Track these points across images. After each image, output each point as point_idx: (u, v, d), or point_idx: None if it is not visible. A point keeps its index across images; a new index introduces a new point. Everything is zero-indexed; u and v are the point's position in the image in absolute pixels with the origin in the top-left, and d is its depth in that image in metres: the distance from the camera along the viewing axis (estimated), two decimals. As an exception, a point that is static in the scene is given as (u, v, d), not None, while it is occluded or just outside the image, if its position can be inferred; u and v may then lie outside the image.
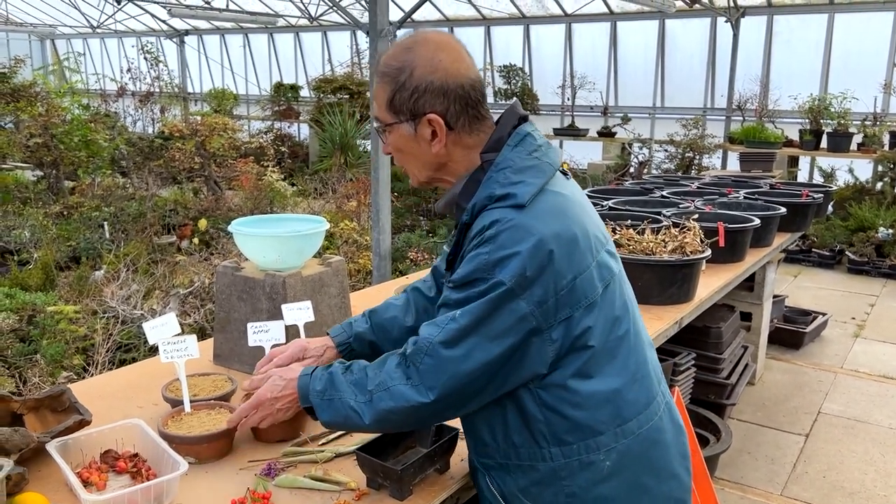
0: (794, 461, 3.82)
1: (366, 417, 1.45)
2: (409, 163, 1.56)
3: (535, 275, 1.36)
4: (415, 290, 1.88)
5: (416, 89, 1.44)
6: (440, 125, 1.46)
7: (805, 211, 4.46)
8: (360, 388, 1.47)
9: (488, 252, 1.38)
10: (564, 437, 1.45)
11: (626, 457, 1.48)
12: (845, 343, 5.53)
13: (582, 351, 1.43)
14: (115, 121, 11.17)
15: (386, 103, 1.49)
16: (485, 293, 1.37)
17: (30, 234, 6.21)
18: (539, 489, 1.49)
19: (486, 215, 1.42)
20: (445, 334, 1.39)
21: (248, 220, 2.32)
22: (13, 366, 3.84)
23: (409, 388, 1.41)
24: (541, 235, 1.37)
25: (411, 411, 1.42)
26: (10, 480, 1.46)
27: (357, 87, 11.84)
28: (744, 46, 9.84)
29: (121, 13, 14.75)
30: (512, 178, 1.44)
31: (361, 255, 5.84)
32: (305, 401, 1.53)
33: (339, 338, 1.83)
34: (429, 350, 1.40)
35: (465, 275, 1.41)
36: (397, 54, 1.48)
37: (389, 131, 1.52)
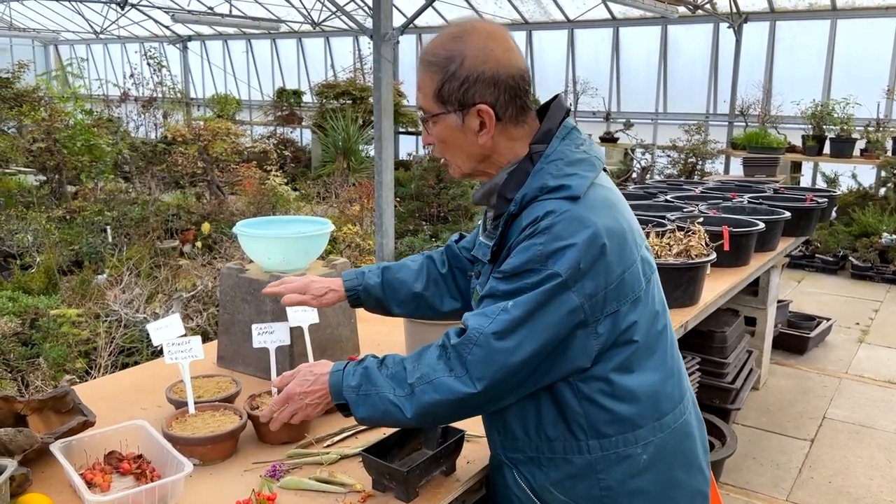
0: (800, 466, 3.79)
1: (407, 411, 1.41)
2: (454, 154, 1.52)
3: (587, 267, 1.35)
4: (429, 258, 1.88)
5: (467, 79, 1.41)
6: (490, 116, 1.44)
7: (809, 215, 4.45)
8: (399, 381, 1.43)
9: (543, 243, 1.36)
10: (604, 430, 1.45)
11: (662, 450, 1.49)
12: (849, 348, 5.51)
13: (626, 345, 1.43)
14: (118, 126, 11.20)
15: (433, 93, 1.45)
16: (538, 284, 1.35)
17: (32, 238, 6.21)
18: (573, 482, 1.48)
19: (538, 206, 1.40)
20: (498, 325, 1.36)
21: (254, 221, 2.31)
22: (15, 369, 3.82)
23: (453, 379, 1.38)
24: (595, 228, 1.36)
25: (457, 403, 1.39)
26: (13, 481, 1.45)
27: (360, 92, 11.86)
28: (746, 52, 9.85)
29: (124, 19, 14.81)
30: (565, 171, 1.43)
31: (364, 259, 5.83)
32: (338, 397, 1.49)
33: (350, 283, 1.84)
34: (479, 340, 1.37)
35: (517, 265, 1.38)
36: (445, 43, 1.44)
37: (435, 122, 1.48)
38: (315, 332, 2.22)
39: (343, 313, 2.32)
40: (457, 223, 7.44)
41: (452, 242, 1.90)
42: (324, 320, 2.25)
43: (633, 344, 1.44)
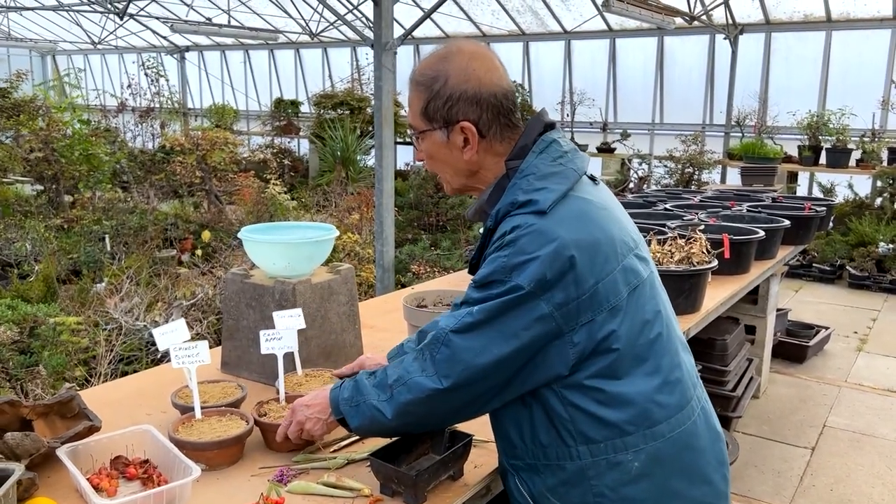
0: (801, 474, 3.79)
1: (388, 413, 1.48)
2: (443, 169, 1.60)
3: (555, 279, 1.38)
4: None
5: (450, 98, 1.48)
6: (472, 133, 1.50)
7: (808, 224, 4.47)
8: (382, 387, 1.50)
9: (507, 256, 1.41)
10: (591, 436, 1.45)
11: (655, 459, 1.47)
12: (848, 357, 5.52)
13: (606, 354, 1.43)
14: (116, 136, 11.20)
15: (420, 111, 1.53)
16: (502, 295, 1.40)
17: (31, 247, 6.19)
18: (567, 489, 1.49)
19: (508, 221, 1.45)
20: (460, 325, 1.43)
21: (258, 227, 2.31)
22: (14, 377, 3.81)
23: (424, 377, 1.45)
24: (561, 241, 1.38)
25: (428, 401, 1.45)
26: (20, 485, 1.44)
27: (357, 102, 11.89)
28: (742, 63, 9.92)
29: (122, 29, 14.85)
30: (535, 185, 1.46)
31: (364, 267, 5.83)
32: (337, 412, 1.56)
33: (391, 353, 1.90)
34: (444, 339, 1.44)
35: (484, 275, 1.44)
36: (432, 64, 1.52)
37: (423, 138, 1.56)
38: (319, 337, 2.22)
39: (347, 319, 2.32)
40: (455, 232, 7.44)
41: None
42: (328, 326, 2.25)
43: (613, 352, 1.43)
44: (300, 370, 2.02)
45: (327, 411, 1.60)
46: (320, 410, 1.60)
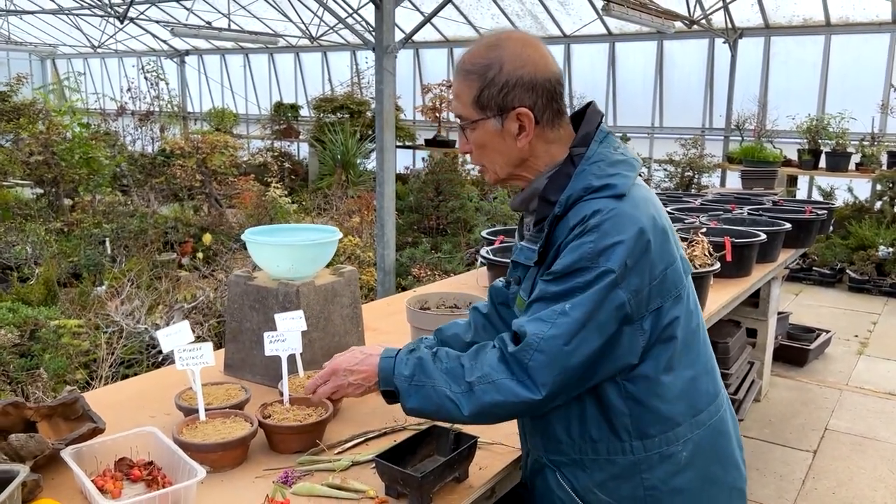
0: (803, 478, 3.79)
1: (465, 408, 1.42)
2: (492, 159, 1.54)
3: (633, 264, 1.38)
4: (474, 309, 1.90)
5: (506, 84, 1.45)
6: (529, 119, 1.47)
7: (809, 227, 4.47)
8: (455, 377, 1.44)
9: (594, 240, 1.38)
10: (648, 430, 1.47)
11: (699, 448, 1.51)
12: (849, 360, 5.52)
13: (668, 342, 1.46)
14: (116, 139, 11.20)
15: (472, 100, 1.48)
16: (591, 283, 1.37)
17: (31, 250, 6.19)
18: (617, 483, 1.49)
19: (584, 206, 1.43)
20: (558, 328, 1.37)
21: (262, 229, 2.31)
22: (15, 380, 3.80)
23: (515, 383, 1.39)
24: (641, 224, 1.40)
25: (519, 406, 1.41)
26: (25, 487, 1.44)
27: (357, 106, 11.90)
28: (742, 67, 9.93)
29: (122, 33, 14.86)
30: (608, 171, 1.46)
31: (364, 271, 5.83)
32: (387, 383, 1.50)
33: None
34: (540, 346, 1.37)
35: (568, 264, 1.40)
36: (482, 52, 1.48)
37: (474, 128, 1.51)
38: (322, 339, 2.21)
39: (350, 321, 2.32)
40: (456, 235, 7.44)
41: (497, 281, 1.93)
42: (331, 328, 2.25)
43: (674, 341, 1.46)
44: (303, 372, 2.02)
45: (373, 379, 1.54)
46: (365, 378, 1.55)
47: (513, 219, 7.66)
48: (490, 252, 3.27)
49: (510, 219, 7.73)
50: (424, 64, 13.01)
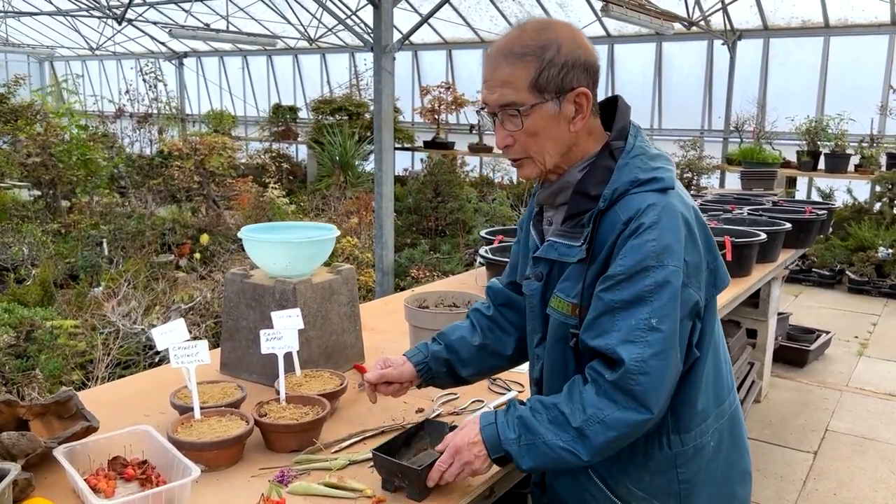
0: (804, 479, 3.76)
1: (584, 455, 1.37)
2: (543, 147, 1.46)
3: (693, 259, 1.38)
4: (475, 311, 1.87)
5: (566, 64, 1.39)
6: (588, 98, 1.42)
7: (809, 227, 4.45)
8: (561, 426, 1.39)
9: (655, 238, 1.35)
10: (685, 424, 1.48)
11: (722, 437, 1.54)
12: (849, 361, 5.50)
13: (708, 335, 1.46)
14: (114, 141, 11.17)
15: (530, 83, 1.40)
16: (663, 285, 1.34)
17: (28, 251, 6.16)
18: (652, 477, 1.49)
19: (632, 199, 1.40)
20: (654, 346, 1.33)
21: (259, 226, 2.29)
22: (10, 381, 3.77)
23: (625, 412, 1.35)
24: (689, 218, 1.40)
25: (637, 432, 1.38)
26: (16, 486, 1.41)
27: (356, 108, 11.89)
28: (740, 68, 9.93)
29: (120, 35, 14.84)
30: (650, 164, 1.44)
31: (362, 271, 5.81)
32: (497, 450, 1.44)
33: (417, 357, 1.80)
34: (642, 369, 1.33)
35: (632, 265, 1.35)
36: (532, 35, 1.41)
37: (529, 114, 1.42)
38: (320, 338, 2.19)
39: (348, 320, 2.30)
40: (454, 237, 7.42)
41: (492, 282, 1.90)
42: (328, 327, 2.23)
43: (711, 333, 1.47)
44: (299, 371, 2.00)
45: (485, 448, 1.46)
46: (481, 449, 1.46)
47: (512, 220, 7.65)
48: (489, 251, 3.25)
49: (509, 220, 7.71)
50: (423, 66, 13.00)
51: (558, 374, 1.54)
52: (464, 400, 2.10)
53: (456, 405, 2.06)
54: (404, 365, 1.78)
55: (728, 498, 1.60)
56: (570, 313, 1.47)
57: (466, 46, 12.24)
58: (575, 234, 1.46)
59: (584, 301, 1.44)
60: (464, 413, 2.00)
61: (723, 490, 1.58)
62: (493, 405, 2.06)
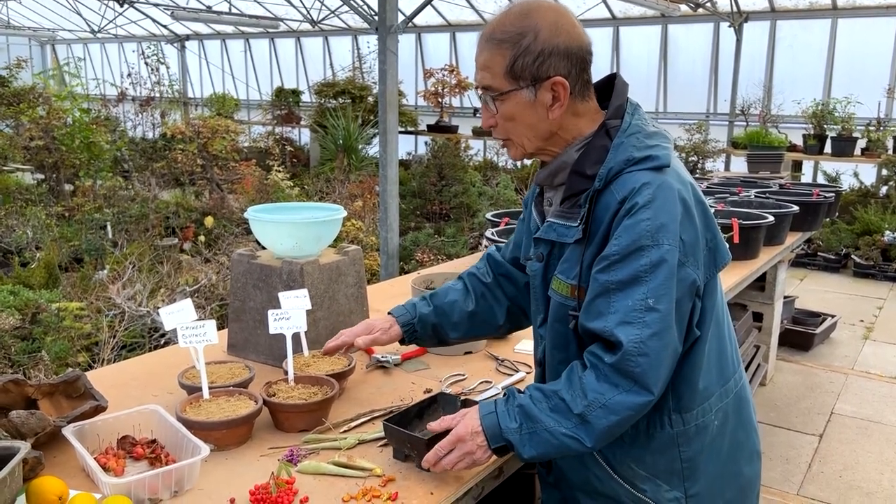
0: (809, 461, 3.77)
1: (587, 441, 1.37)
2: (521, 132, 1.47)
3: (690, 238, 1.37)
4: (471, 275, 1.87)
5: (542, 52, 1.38)
6: (565, 88, 1.41)
7: (817, 209, 4.43)
8: (563, 413, 1.38)
9: (650, 217, 1.34)
10: (687, 403, 1.47)
11: (727, 416, 1.54)
12: (855, 345, 5.49)
13: (709, 313, 1.45)
14: (116, 125, 11.14)
15: (505, 69, 1.41)
16: (658, 264, 1.33)
17: (32, 234, 6.16)
18: (654, 458, 1.49)
19: (627, 178, 1.38)
20: (652, 327, 1.33)
21: (265, 207, 2.28)
22: (16, 364, 3.78)
23: (626, 395, 1.34)
24: (685, 196, 1.38)
25: (638, 413, 1.37)
26: (26, 464, 1.41)
27: (359, 91, 11.82)
28: (747, 51, 9.84)
29: (122, 18, 14.74)
30: (646, 142, 1.42)
31: (367, 255, 5.80)
32: (497, 440, 1.43)
33: (404, 318, 1.82)
34: (641, 350, 1.33)
35: (627, 245, 1.34)
36: (513, 20, 1.40)
37: (504, 100, 1.43)
38: (327, 319, 2.18)
39: (355, 301, 2.29)
40: (459, 220, 7.40)
41: (494, 251, 1.89)
42: (336, 307, 2.22)
43: (711, 311, 1.46)
44: (307, 351, 1.99)
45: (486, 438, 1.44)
46: (483, 439, 1.44)
47: (516, 203, 7.62)
48: (495, 234, 3.24)
49: (513, 204, 7.68)
50: (427, 49, 12.91)
51: (560, 354, 1.54)
52: (472, 381, 2.09)
53: (464, 385, 2.06)
54: (391, 328, 1.81)
55: (734, 477, 1.59)
56: (570, 295, 1.46)
57: (470, 29, 12.14)
58: (572, 214, 1.46)
59: (582, 282, 1.44)
60: (472, 393, 2.00)
61: (728, 469, 1.57)
62: (502, 386, 2.05)
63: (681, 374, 1.43)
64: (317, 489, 1.49)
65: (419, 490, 1.50)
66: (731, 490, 1.58)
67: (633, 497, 1.51)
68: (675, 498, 1.51)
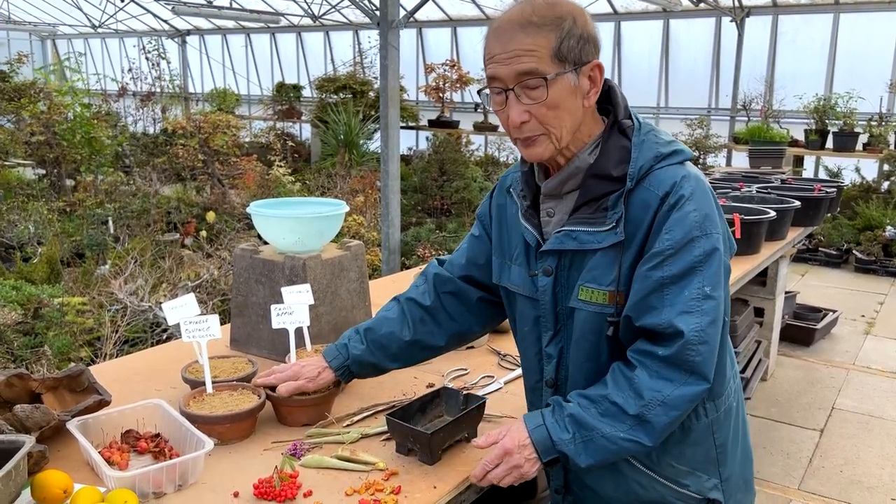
0: (810, 456, 3.77)
1: (647, 440, 1.35)
2: (562, 121, 1.39)
3: (723, 227, 1.42)
4: (409, 300, 1.77)
5: (582, 37, 1.37)
6: (602, 72, 1.39)
7: (818, 205, 4.43)
8: (616, 416, 1.36)
9: (695, 209, 1.36)
10: (718, 390, 1.50)
11: (737, 395, 1.59)
12: (856, 340, 5.49)
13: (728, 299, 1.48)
14: (117, 120, 11.13)
15: (552, 52, 1.34)
16: (711, 253, 1.35)
17: (33, 229, 6.16)
18: (693, 450, 1.50)
19: (661, 174, 1.39)
20: (710, 314, 1.35)
21: (267, 202, 2.28)
22: (19, 358, 3.78)
23: (683, 387, 1.34)
24: (710, 188, 1.43)
25: (692, 404, 1.37)
26: (30, 458, 1.42)
27: (360, 86, 11.81)
28: (748, 46, 9.81)
29: (122, 13, 14.71)
30: (665, 138, 1.45)
31: (368, 250, 5.80)
32: (550, 452, 1.40)
33: (336, 362, 1.73)
34: (702, 338, 1.33)
35: (679, 239, 1.35)
36: (547, 8, 1.36)
37: (551, 84, 1.35)
38: (329, 314, 2.19)
39: (357, 296, 2.29)
40: (460, 216, 7.40)
41: (438, 269, 1.79)
42: (338, 302, 2.22)
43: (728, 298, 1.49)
44: (309, 346, 1.99)
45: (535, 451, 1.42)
46: (532, 452, 1.41)
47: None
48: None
49: (514, 199, 7.66)
50: (427, 44, 12.89)
51: (590, 368, 1.48)
52: (474, 375, 2.10)
53: (466, 380, 2.06)
54: (320, 375, 1.71)
55: (748, 452, 1.65)
56: (608, 302, 1.41)
57: (472, 24, 12.11)
58: (596, 218, 1.41)
59: (621, 286, 1.39)
60: (474, 388, 2.00)
61: (745, 445, 1.63)
62: (504, 381, 2.06)
63: None
64: (320, 483, 1.50)
65: (422, 484, 1.50)
66: (747, 467, 1.64)
67: (678, 495, 1.51)
68: (714, 485, 1.53)
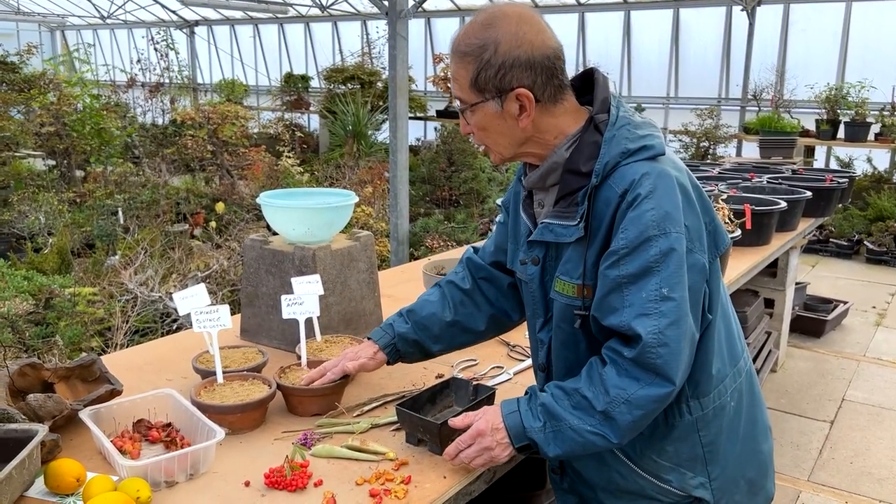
0: (820, 447, 3.76)
1: (613, 437, 1.36)
2: (495, 141, 1.48)
3: (692, 223, 1.38)
4: (449, 283, 1.82)
5: (503, 65, 1.37)
6: (529, 98, 1.40)
7: (829, 195, 4.39)
8: (586, 410, 1.38)
9: (654, 207, 1.33)
10: (703, 388, 1.48)
11: (741, 395, 1.56)
12: (867, 331, 5.46)
13: (716, 296, 1.46)
14: (126, 111, 11.16)
15: (470, 82, 1.41)
16: (669, 253, 1.33)
17: (44, 220, 6.20)
18: (676, 446, 1.49)
19: (625, 170, 1.38)
20: (669, 316, 1.32)
21: (277, 192, 2.28)
22: (31, 348, 3.81)
23: (649, 388, 1.34)
24: (683, 182, 1.39)
25: (660, 406, 1.36)
26: (44, 447, 1.43)
27: (368, 76, 11.79)
28: (759, 35, 9.73)
29: (131, 3, 14.74)
30: (637, 133, 1.42)
31: (377, 241, 5.80)
32: (521, 439, 1.43)
33: (383, 340, 1.76)
34: (661, 340, 1.32)
35: (635, 237, 1.33)
36: (476, 32, 1.40)
37: (473, 111, 1.44)
38: (339, 304, 2.19)
39: (367, 286, 2.29)
40: (468, 206, 7.39)
41: (472, 255, 1.85)
42: (348, 293, 2.22)
43: (719, 295, 1.47)
44: (319, 336, 2.00)
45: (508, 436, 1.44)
46: (504, 436, 1.44)
47: (526, 189, 7.59)
48: (506, 219, 3.23)
49: (523, 190, 7.64)
50: (436, 34, 12.84)
51: (569, 355, 1.52)
52: (483, 366, 2.10)
53: (475, 371, 2.06)
54: (376, 354, 1.75)
55: (754, 454, 1.61)
56: (577, 295, 1.44)
57: (480, 14, 12.05)
58: (569, 213, 1.44)
59: (587, 281, 1.42)
60: (483, 378, 2.01)
61: (748, 447, 1.59)
62: (513, 371, 2.06)
63: (697, 360, 1.43)
64: (331, 472, 1.50)
65: (432, 474, 1.51)
66: (752, 469, 1.59)
67: (658, 489, 1.51)
68: (700, 483, 1.51)
